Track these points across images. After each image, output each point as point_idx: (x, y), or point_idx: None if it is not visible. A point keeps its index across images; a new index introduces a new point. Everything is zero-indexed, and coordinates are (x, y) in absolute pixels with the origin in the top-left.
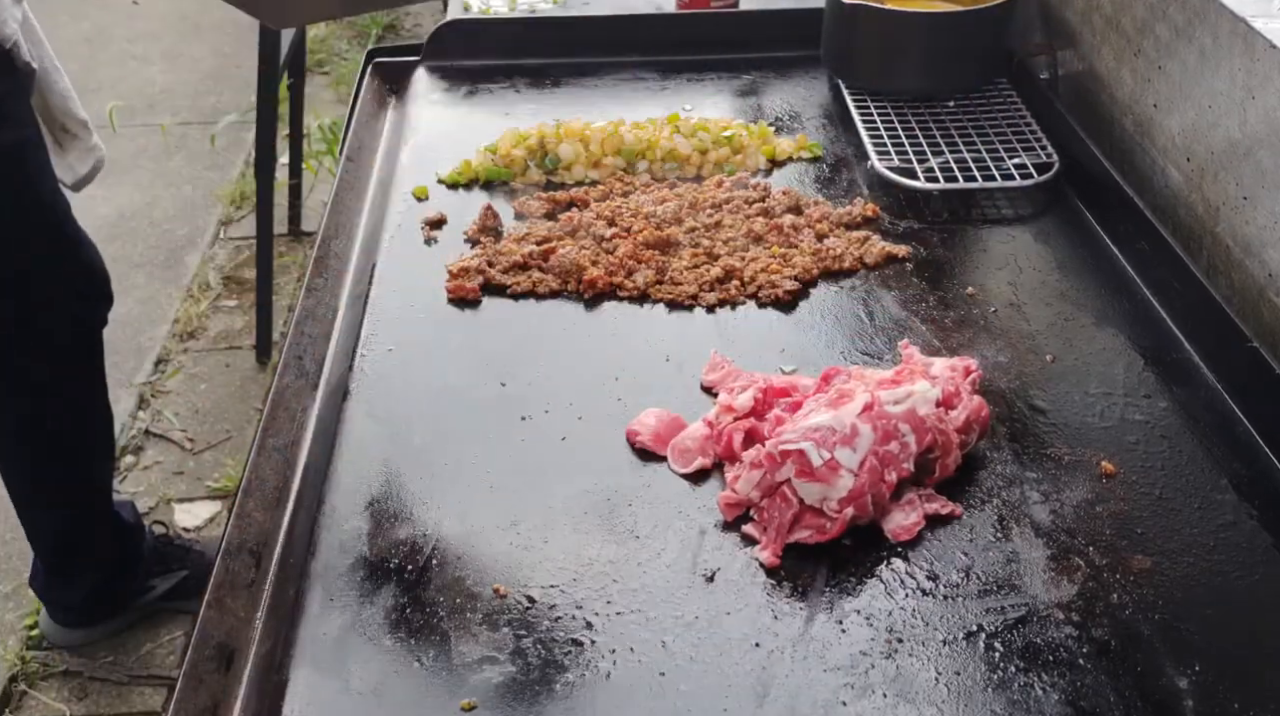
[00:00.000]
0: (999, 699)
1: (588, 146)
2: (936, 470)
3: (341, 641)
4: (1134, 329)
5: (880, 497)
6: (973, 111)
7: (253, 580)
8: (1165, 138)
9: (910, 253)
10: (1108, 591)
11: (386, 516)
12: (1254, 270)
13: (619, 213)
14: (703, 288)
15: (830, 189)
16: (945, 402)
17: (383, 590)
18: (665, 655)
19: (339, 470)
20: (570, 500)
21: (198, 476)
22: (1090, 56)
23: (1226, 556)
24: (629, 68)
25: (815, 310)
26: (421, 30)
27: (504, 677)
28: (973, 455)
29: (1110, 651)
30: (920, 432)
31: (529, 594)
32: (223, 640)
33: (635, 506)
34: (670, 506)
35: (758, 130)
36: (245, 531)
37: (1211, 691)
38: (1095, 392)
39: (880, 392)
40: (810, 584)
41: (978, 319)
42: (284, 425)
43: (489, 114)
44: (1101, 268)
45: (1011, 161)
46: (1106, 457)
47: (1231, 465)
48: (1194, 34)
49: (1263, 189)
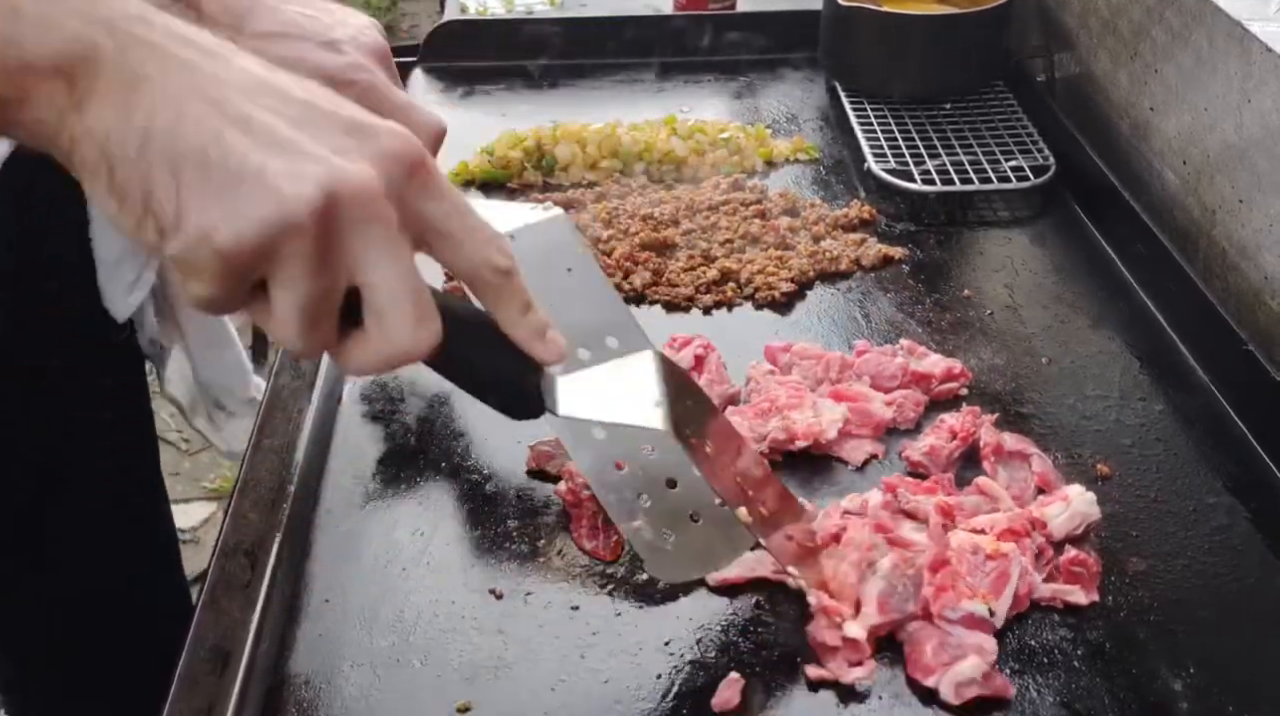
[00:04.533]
0: (996, 699)
1: (585, 148)
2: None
3: (338, 642)
4: (1130, 332)
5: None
6: (970, 114)
7: (248, 581)
8: (1161, 141)
9: (907, 255)
10: (1103, 593)
11: (383, 517)
12: (1250, 273)
13: (616, 214)
14: (699, 289)
15: (827, 191)
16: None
17: (379, 591)
18: (664, 655)
19: (335, 471)
20: None
21: (194, 477)
22: (1087, 59)
23: (1221, 559)
24: (626, 69)
25: (812, 312)
26: (418, 31)
27: (501, 679)
28: (968, 458)
29: (1105, 653)
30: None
31: (527, 595)
32: (218, 641)
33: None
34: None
35: (754, 132)
36: (241, 532)
37: (1206, 693)
38: (1091, 395)
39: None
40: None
41: (974, 321)
42: (280, 426)
43: (486, 115)
44: (1098, 270)
45: (1008, 164)
46: (1102, 460)
47: (1227, 468)
48: (1190, 37)
49: (1258, 192)
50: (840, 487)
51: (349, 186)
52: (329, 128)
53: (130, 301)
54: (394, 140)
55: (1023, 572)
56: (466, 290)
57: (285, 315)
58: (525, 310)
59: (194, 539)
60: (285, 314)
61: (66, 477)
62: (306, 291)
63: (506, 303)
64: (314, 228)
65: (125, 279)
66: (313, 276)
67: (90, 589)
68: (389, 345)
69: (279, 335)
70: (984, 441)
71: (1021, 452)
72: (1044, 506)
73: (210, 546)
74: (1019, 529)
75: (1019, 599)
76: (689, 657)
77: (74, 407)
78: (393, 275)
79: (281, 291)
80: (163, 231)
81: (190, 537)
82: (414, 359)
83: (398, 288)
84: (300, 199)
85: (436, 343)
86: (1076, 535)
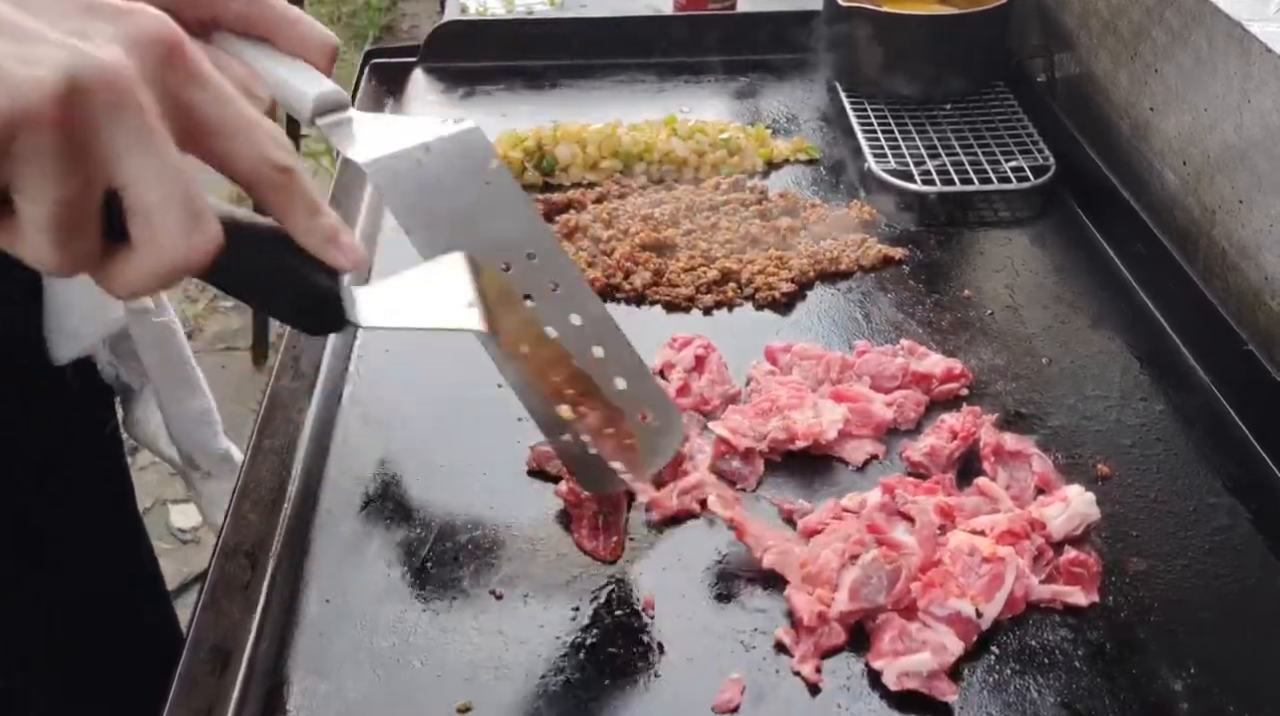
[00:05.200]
0: (994, 700)
1: (585, 148)
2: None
3: (337, 642)
4: (1130, 332)
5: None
6: (970, 114)
7: (248, 582)
8: (1162, 141)
9: (907, 255)
10: (1103, 593)
11: (383, 518)
12: (1250, 273)
13: (616, 215)
14: (699, 289)
15: (827, 191)
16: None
17: (379, 591)
18: (664, 655)
19: (335, 472)
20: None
21: None
22: (1087, 60)
23: (1222, 559)
24: (626, 70)
25: (812, 312)
26: (419, 31)
27: (500, 679)
28: (969, 458)
29: (1105, 654)
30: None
31: (526, 595)
32: (218, 642)
33: (634, 508)
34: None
35: (755, 132)
36: (241, 533)
37: (1206, 694)
38: (1091, 395)
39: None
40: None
41: (974, 321)
42: (280, 427)
43: (486, 116)
44: (1098, 270)
45: (1009, 164)
46: (1102, 460)
47: (1227, 468)
48: (1190, 37)
49: (1259, 193)
50: (840, 488)
51: (93, 69)
52: (71, 11)
53: (72, 348)
54: (146, 20)
55: (1019, 576)
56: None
57: (35, 225)
58: (313, 212)
59: (194, 539)
60: (34, 223)
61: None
62: (55, 195)
63: (292, 204)
64: (54, 118)
65: (68, 326)
66: (60, 177)
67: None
68: (159, 254)
69: (32, 254)
70: (984, 442)
71: (1021, 453)
72: (1044, 507)
73: (210, 546)
74: (1018, 530)
75: (1015, 601)
76: (689, 658)
77: (32, 438)
78: (154, 170)
79: (26, 199)
80: None
81: (190, 538)
82: (190, 270)
83: (162, 185)
84: (34, 83)
85: (214, 248)
86: (1076, 535)
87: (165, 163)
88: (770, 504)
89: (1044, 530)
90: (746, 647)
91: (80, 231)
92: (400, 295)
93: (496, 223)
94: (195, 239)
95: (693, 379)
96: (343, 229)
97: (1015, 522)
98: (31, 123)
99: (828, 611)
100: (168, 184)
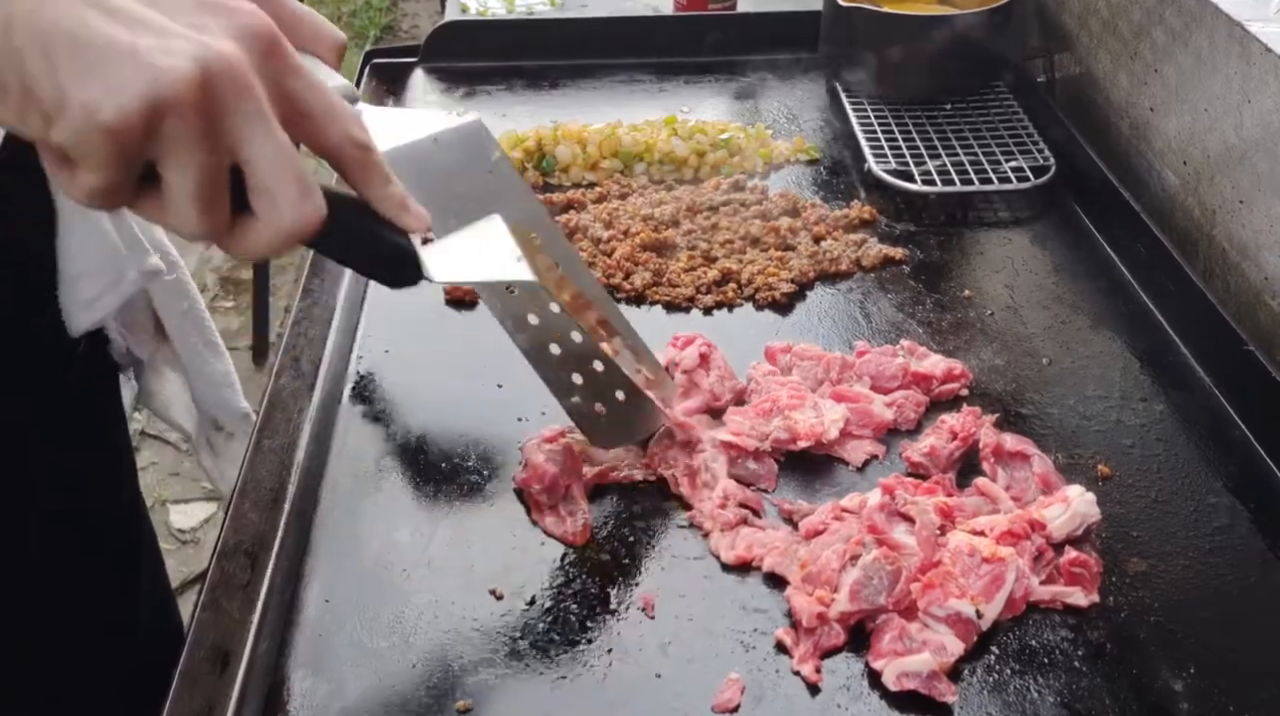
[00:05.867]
0: (994, 701)
1: (585, 149)
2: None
3: (337, 642)
4: (1130, 332)
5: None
6: (970, 114)
7: (248, 581)
8: (1162, 141)
9: (907, 255)
10: (1104, 594)
11: (383, 518)
12: (1250, 274)
13: (616, 215)
14: (700, 290)
15: (827, 191)
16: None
17: (379, 592)
18: (664, 655)
19: (335, 471)
20: None
21: (193, 477)
22: (1087, 60)
23: (1222, 559)
24: (626, 70)
25: (812, 313)
26: (419, 31)
27: (500, 679)
28: (968, 459)
29: (1106, 654)
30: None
31: (526, 596)
32: (218, 641)
33: (633, 507)
34: (666, 510)
35: (755, 133)
36: (241, 532)
37: (1206, 694)
38: (1092, 395)
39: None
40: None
41: (974, 322)
42: (280, 426)
43: (486, 116)
44: (1098, 271)
45: (1009, 164)
46: (1102, 460)
47: (1227, 468)
48: (1190, 38)
49: (1259, 193)
50: (840, 488)
51: (220, 60)
52: (187, 7)
53: (87, 318)
54: (249, 18)
55: (1019, 576)
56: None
57: (181, 197)
58: (387, 182)
59: (194, 539)
60: (181, 195)
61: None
62: (198, 170)
63: (370, 176)
64: (194, 102)
65: (83, 295)
66: (202, 153)
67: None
68: (278, 222)
69: (177, 221)
70: (984, 442)
71: (1022, 453)
72: (1044, 507)
73: (210, 546)
74: (1019, 531)
75: (1015, 602)
76: (689, 657)
77: (37, 415)
78: (272, 150)
79: (174, 173)
80: (47, 117)
81: (190, 538)
82: (304, 237)
83: (280, 163)
84: (177, 72)
85: (322, 216)
86: (1077, 536)
87: (280, 143)
88: (771, 503)
89: (1044, 530)
90: (746, 647)
91: (217, 200)
92: (456, 255)
93: (502, 208)
94: (307, 208)
95: (699, 376)
96: (410, 197)
97: (1015, 523)
98: (176, 105)
99: (828, 611)
100: (283, 162)
